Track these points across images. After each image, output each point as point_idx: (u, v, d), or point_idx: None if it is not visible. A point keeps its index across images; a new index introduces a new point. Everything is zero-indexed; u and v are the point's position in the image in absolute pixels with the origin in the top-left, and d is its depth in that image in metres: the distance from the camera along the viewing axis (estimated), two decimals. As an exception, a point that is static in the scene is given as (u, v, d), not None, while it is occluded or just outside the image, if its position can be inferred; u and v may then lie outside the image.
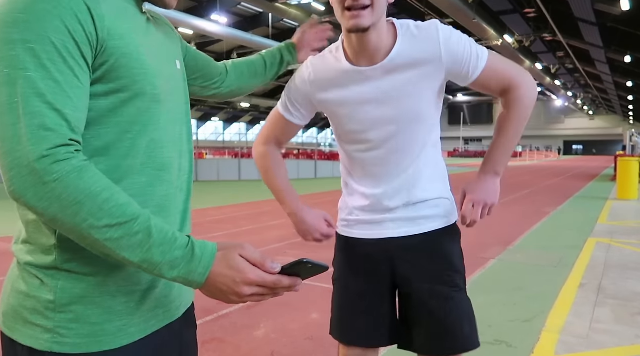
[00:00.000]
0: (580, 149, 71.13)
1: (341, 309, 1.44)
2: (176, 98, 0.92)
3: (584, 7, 16.13)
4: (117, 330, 0.80)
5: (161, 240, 0.72)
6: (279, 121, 1.47)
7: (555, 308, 3.61)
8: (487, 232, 6.91)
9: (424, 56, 1.24)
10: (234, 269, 0.75)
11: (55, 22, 0.70)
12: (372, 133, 1.33)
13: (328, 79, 1.33)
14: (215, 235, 6.46)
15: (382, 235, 1.38)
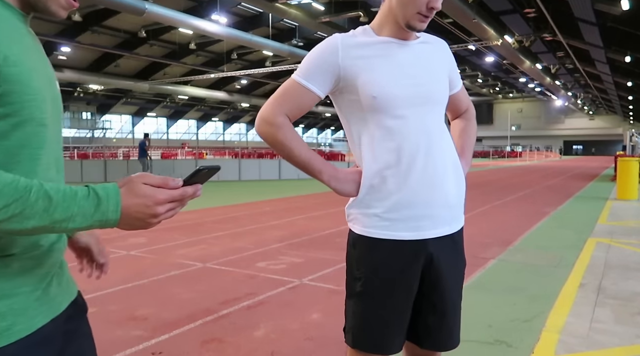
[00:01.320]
0: (580, 149, 71.10)
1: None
2: (57, 119, 0.95)
3: (584, 7, 16.12)
4: (4, 330, 0.83)
5: (62, 198, 0.77)
6: (296, 91, 1.41)
7: (555, 308, 3.61)
8: (487, 232, 6.91)
9: (440, 49, 1.51)
10: (143, 196, 0.82)
11: None
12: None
13: (362, 45, 1.40)
14: (215, 235, 6.47)
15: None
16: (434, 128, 1.40)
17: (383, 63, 1.37)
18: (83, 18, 23.72)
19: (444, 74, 1.48)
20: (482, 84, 51.65)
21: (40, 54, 0.93)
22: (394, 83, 1.36)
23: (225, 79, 41.19)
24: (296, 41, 29.58)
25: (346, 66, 1.36)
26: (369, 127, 1.39)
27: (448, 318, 1.43)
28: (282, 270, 4.66)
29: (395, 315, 1.39)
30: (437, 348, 1.46)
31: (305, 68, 1.40)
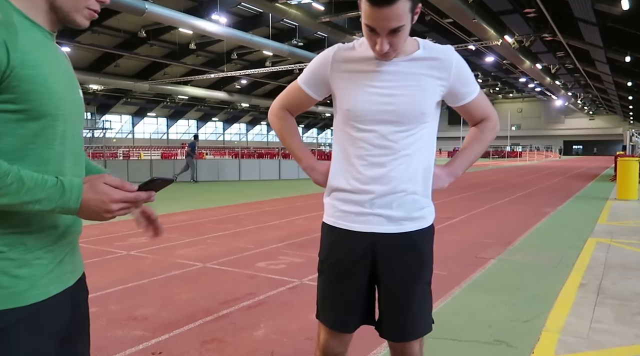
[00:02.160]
0: (580, 149, 71.10)
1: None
2: (77, 118, 1.13)
3: (584, 7, 16.12)
4: (24, 291, 1.00)
5: (33, 184, 0.94)
6: (296, 92, 1.66)
7: (555, 308, 3.61)
8: (487, 232, 6.91)
9: (438, 64, 1.51)
10: (101, 193, 1.00)
11: None
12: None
13: (351, 59, 1.54)
14: (215, 235, 6.47)
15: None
16: (399, 144, 1.50)
17: (363, 79, 1.51)
18: (83, 18, 23.68)
19: (431, 90, 1.51)
20: (482, 84, 51.63)
21: (63, 65, 1.10)
22: (366, 99, 1.49)
23: (225, 78, 41.18)
24: (296, 41, 29.58)
25: (333, 78, 1.56)
26: (341, 133, 1.58)
27: (393, 311, 1.55)
28: (282, 270, 4.66)
29: (345, 297, 1.57)
30: (391, 338, 1.58)
31: (306, 74, 1.63)
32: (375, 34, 1.40)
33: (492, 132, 1.68)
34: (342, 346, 1.63)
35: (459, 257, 5.31)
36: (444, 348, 2.90)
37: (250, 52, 34.49)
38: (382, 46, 1.40)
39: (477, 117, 1.65)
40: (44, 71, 1.00)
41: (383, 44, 1.39)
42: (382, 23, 1.36)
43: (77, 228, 1.14)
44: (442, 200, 10.93)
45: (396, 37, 1.39)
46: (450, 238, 6.36)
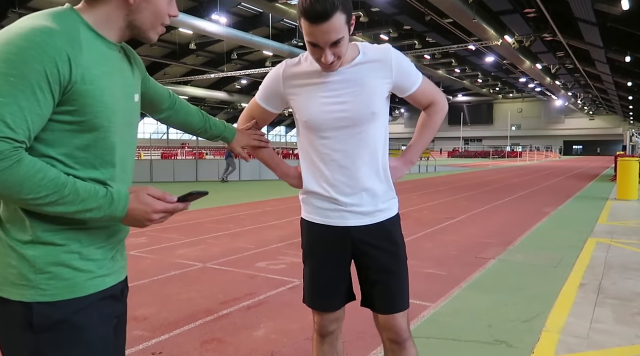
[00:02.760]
0: (580, 149, 71.09)
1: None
2: (130, 126, 1.21)
3: (584, 7, 16.12)
4: (84, 282, 1.11)
5: (87, 195, 1.04)
6: (256, 108, 1.80)
7: (555, 308, 3.61)
8: (487, 232, 6.91)
9: (379, 65, 1.63)
10: (145, 204, 1.10)
11: (36, 65, 0.96)
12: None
13: (299, 74, 1.67)
14: (215, 235, 6.47)
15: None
16: (356, 146, 1.65)
17: (314, 91, 1.64)
18: (83, 18, 23.69)
19: (378, 90, 1.64)
20: (482, 83, 51.63)
21: (122, 74, 1.17)
22: (321, 110, 1.62)
23: (225, 78, 41.21)
24: (296, 41, 29.58)
25: (287, 93, 1.70)
26: (305, 140, 1.72)
27: (379, 289, 1.73)
28: (282, 270, 4.66)
29: (325, 281, 1.75)
30: (383, 311, 1.75)
31: (261, 91, 1.77)
32: (318, 49, 1.50)
33: (440, 113, 1.82)
34: (334, 324, 1.80)
35: (459, 257, 5.31)
36: (444, 348, 2.90)
37: (250, 52, 34.51)
38: (327, 58, 1.51)
39: (424, 103, 1.78)
40: (100, 85, 1.07)
41: (327, 56, 1.50)
42: (323, 37, 1.47)
43: (126, 227, 1.23)
44: (442, 200, 10.93)
45: (338, 47, 1.50)
46: (450, 238, 6.36)
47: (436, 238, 6.41)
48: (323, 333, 1.81)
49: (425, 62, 36.11)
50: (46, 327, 1.06)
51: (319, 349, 1.84)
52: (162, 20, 1.17)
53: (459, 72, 42.67)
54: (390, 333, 1.75)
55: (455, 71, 41.73)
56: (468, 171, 25.45)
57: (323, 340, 1.83)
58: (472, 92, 59.46)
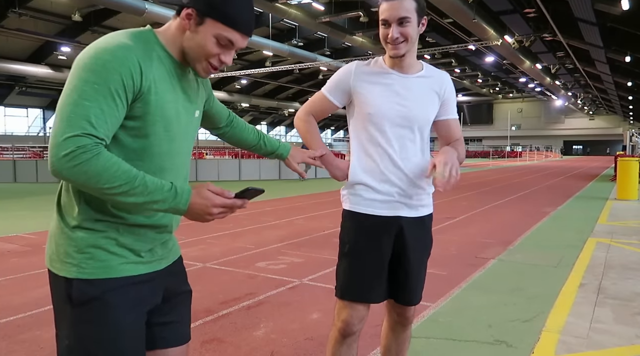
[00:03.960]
0: (580, 149, 71.04)
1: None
2: (186, 138, 1.36)
3: (584, 7, 16.12)
4: (117, 265, 1.25)
5: (154, 188, 1.15)
6: (320, 100, 1.94)
7: (555, 308, 3.61)
8: (487, 232, 6.91)
9: (438, 82, 1.87)
10: (205, 198, 1.20)
11: (116, 76, 1.13)
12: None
13: (370, 73, 1.85)
14: (215, 235, 6.47)
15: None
16: (410, 144, 1.83)
17: (382, 89, 1.82)
18: (83, 18, 23.68)
19: (433, 101, 1.86)
20: (482, 83, 51.60)
21: (186, 92, 1.33)
22: (386, 106, 1.80)
23: (225, 78, 41.19)
24: (296, 41, 29.56)
25: (355, 86, 1.85)
26: (363, 134, 1.86)
27: (411, 280, 1.88)
28: (282, 270, 4.66)
29: (372, 271, 1.84)
30: (406, 303, 1.91)
31: (329, 84, 1.92)
32: (387, 27, 1.73)
33: (463, 150, 1.94)
34: (361, 323, 1.86)
35: (459, 257, 5.31)
36: (444, 348, 2.91)
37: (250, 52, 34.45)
38: (393, 33, 1.70)
39: (453, 135, 1.95)
40: (164, 98, 1.23)
41: (394, 30, 1.70)
42: (392, 12, 1.70)
43: (169, 227, 1.38)
44: (442, 200, 10.93)
45: (404, 27, 1.71)
46: (450, 238, 6.36)
47: (436, 238, 6.37)
48: (347, 332, 1.85)
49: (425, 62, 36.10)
50: (82, 302, 1.21)
51: (337, 349, 1.88)
52: (207, 57, 1.26)
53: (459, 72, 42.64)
54: (403, 319, 1.97)
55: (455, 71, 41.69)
56: (468, 171, 25.44)
57: (343, 341, 1.86)
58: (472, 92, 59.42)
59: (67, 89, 1.13)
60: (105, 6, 19.10)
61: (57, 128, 1.10)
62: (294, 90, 50.90)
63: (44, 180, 16.49)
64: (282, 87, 48.62)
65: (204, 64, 1.28)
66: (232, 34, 1.25)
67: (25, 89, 37.02)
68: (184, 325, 1.47)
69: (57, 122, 1.12)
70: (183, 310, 1.47)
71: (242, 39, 1.28)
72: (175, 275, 1.44)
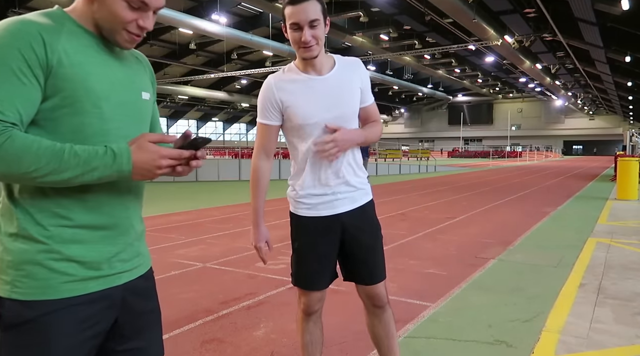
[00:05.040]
0: (580, 149, 71.07)
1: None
2: (132, 120, 1.18)
3: (584, 7, 16.12)
4: (59, 284, 1.07)
5: (87, 155, 1.03)
6: (262, 131, 1.95)
7: (555, 308, 3.61)
8: (487, 232, 6.91)
9: (354, 74, 1.95)
10: (149, 151, 1.07)
11: (14, 52, 1.00)
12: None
13: (287, 84, 1.89)
14: (215, 235, 6.47)
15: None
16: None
17: (305, 94, 1.86)
18: (83, 18, 23.67)
19: (354, 92, 1.94)
20: (482, 83, 51.62)
21: (124, 70, 1.19)
22: (314, 110, 1.85)
23: (225, 78, 41.20)
24: (296, 41, 29.52)
25: (281, 99, 1.87)
26: (299, 144, 1.93)
27: (366, 262, 2.02)
28: (282, 270, 4.66)
29: (317, 263, 2.03)
30: (365, 282, 2.05)
31: (259, 110, 1.94)
32: (299, 31, 1.78)
33: (379, 130, 2.08)
34: (319, 303, 2.09)
35: (459, 257, 5.31)
36: (444, 348, 2.90)
37: (250, 52, 34.48)
38: (306, 36, 1.77)
39: (371, 118, 2.06)
40: (84, 70, 1.07)
41: (306, 33, 1.76)
42: (302, 15, 1.75)
43: (128, 229, 1.19)
44: (442, 200, 10.93)
45: (315, 30, 1.77)
46: (450, 238, 6.36)
47: (436, 238, 6.41)
48: (309, 311, 2.09)
49: (425, 62, 36.10)
50: (13, 324, 1.05)
51: (304, 326, 2.11)
52: (123, 25, 1.11)
53: (459, 72, 42.66)
54: (375, 300, 2.07)
55: (455, 71, 41.73)
56: (468, 171, 25.44)
57: (309, 318, 2.11)
58: (472, 92, 59.42)
59: None
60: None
61: None
62: (294, 90, 50.83)
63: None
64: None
65: (123, 33, 1.13)
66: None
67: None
68: (153, 352, 1.27)
69: None
70: (150, 335, 1.26)
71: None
72: (139, 292, 1.23)
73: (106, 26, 1.12)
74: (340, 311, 3.46)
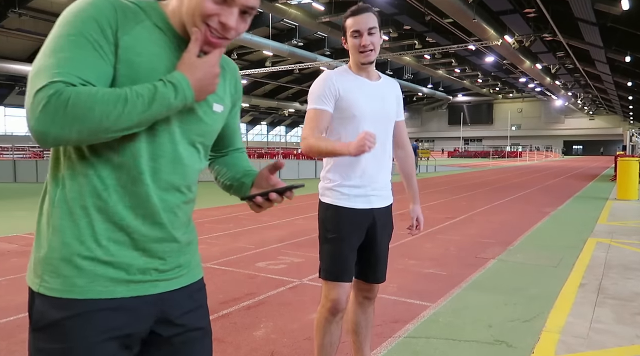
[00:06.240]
0: (580, 149, 71.08)
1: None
2: (191, 127, 1.10)
3: (584, 7, 16.12)
4: (86, 284, 1.00)
5: (149, 93, 0.95)
6: (318, 115, 2.04)
7: (555, 308, 3.61)
8: (487, 232, 6.91)
9: (392, 90, 2.22)
10: (202, 65, 1.02)
11: (93, 24, 0.96)
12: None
13: (346, 79, 2.09)
14: (215, 235, 6.47)
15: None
16: (385, 139, 2.14)
17: (360, 90, 2.07)
18: (83, 18, 23.68)
19: (393, 104, 2.19)
20: (482, 83, 51.61)
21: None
22: (365, 109, 2.05)
23: (225, 79, 41.05)
24: (296, 41, 29.56)
25: (339, 90, 2.04)
26: (342, 132, 2.07)
27: (379, 260, 2.19)
28: (282, 270, 4.66)
29: (351, 254, 2.11)
30: (375, 281, 2.22)
31: (316, 97, 2.05)
32: (359, 37, 2.00)
33: (412, 159, 2.43)
34: (347, 298, 2.12)
35: (459, 257, 5.31)
36: (444, 348, 2.91)
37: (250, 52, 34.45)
38: (365, 40, 1.99)
39: (401, 136, 2.32)
40: (152, 64, 1.01)
41: (365, 38, 1.99)
42: (363, 22, 2.00)
43: (168, 231, 1.11)
44: (442, 200, 10.93)
45: (373, 36, 2.01)
46: (450, 238, 6.36)
47: (436, 238, 6.41)
48: (337, 309, 2.08)
49: (425, 62, 36.10)
50: (37, 328, 1.01)
51: (327, 327, 2.11)
52: (204, 19, 1.02)
53: (459, 72, 42.66)
54: (371, 294, 2.26)
55: (455, 71, 41.72)
56: (468, 171, 25.45)
57: (333, 319, 2.10)
58: (472, 92, 59.42)
59: (42, 48, 0.97)
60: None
61: (29, 89, 0.93)
62: (293, 90, 50.89)
63: (44, 180, 16.43)
64: (282, 87, 48.61)
65: (202, 28, 1.04)
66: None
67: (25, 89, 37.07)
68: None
69: (28, 84, 0.94)
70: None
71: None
72: (181, 306, 1.12)
73: (187, 18, 1.04)
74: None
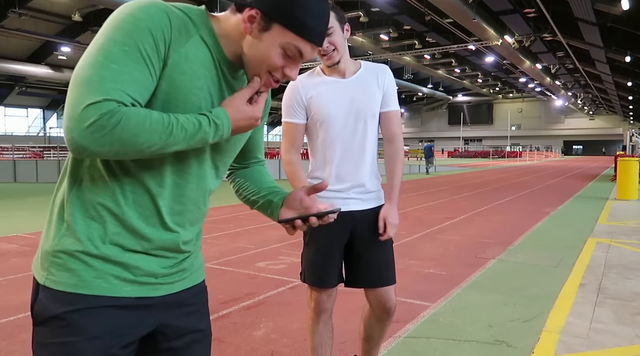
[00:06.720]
0: (580, 149, 71.09)
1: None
2: (219, 149, 1.13)
3: (584, 7, 16.12)
4: (92, 279, 0.99)
5: (192, 129, 0.97)
6: (289, 129, 2.03)
7: (555, 308, 3.61)
8: (487, 232, 6.91)
9: (373, 79, 2.05)
10: (248, 111, 1.04)
11: (148, 37, 0.94)
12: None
13: (312, 85, 2.02)
14: (215, 235, 6.47)
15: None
16: (361, 140, 2.03)
17: (329, 92, 1.99)
18: (83, 18, 23.69)
19: (374, 94, 2.03)
20: (482, 83, 51.62)
21: (223, 90, 1.09)
22: (334, 110, 1.98)
23: (225, 79, 41.09)
24: (296, 41, 29.55)
25: (307, 97, 2.00)
26: (322, 137, 2.02)
27: (372, 266, 2.05)
28: (282, 270, 4.66)
29: (327, 258, 2.03)
30: (374, 285, 2.06)
31: (285, 109, 2.04)
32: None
33: (402, 153, 2.20)
34: (330, 301, 2.07)
35: (459, 257, 5.31)
36: (444, 348, 2.91)
37: (250, 52, 34.46)
38: (323, 44, 1.88)
39: (391, 129, 2.12)
40: (192, 83, 1.01)
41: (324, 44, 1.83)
42: None
43: (178, 244, 1.10)
44: (442, 200, 10.93)
45: (331, 37, 1.89)
46: (450, 238, 6.36)
47: (436, 238, 6.41)
48: (320, 309, 2.05)
49: (425, 62, 36.09)
50: (39, 322, 1.00)
51: (314, 328, 2.08)
52: (269, 69, 1.05)
53: (459, 72, 42.66)
54: (387, 304, 2.07)
55: (455, 71, 41.72)
56: (468, 171, 25.44)
57: (318, 319, 2.07)
58: (472, 92, 59.42)
59: (92, 48, 0.93)
60: (106, 6, 19.08)
61: (76, 95, 0.89)
62: (294, 90, 50.86)
63: (44, 180, 16.48)
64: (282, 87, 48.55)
65: (265, 77, 1.06)
66: (304, 44, 1.02)
67: (25, 89, 37.05)
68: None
69: (74, 88, 0.91)
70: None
71: (312, 50, 1.05)
72: (182, 306, 1.13)
73: (251, 63, 1.06)
74: (340, 312, 3.46)
